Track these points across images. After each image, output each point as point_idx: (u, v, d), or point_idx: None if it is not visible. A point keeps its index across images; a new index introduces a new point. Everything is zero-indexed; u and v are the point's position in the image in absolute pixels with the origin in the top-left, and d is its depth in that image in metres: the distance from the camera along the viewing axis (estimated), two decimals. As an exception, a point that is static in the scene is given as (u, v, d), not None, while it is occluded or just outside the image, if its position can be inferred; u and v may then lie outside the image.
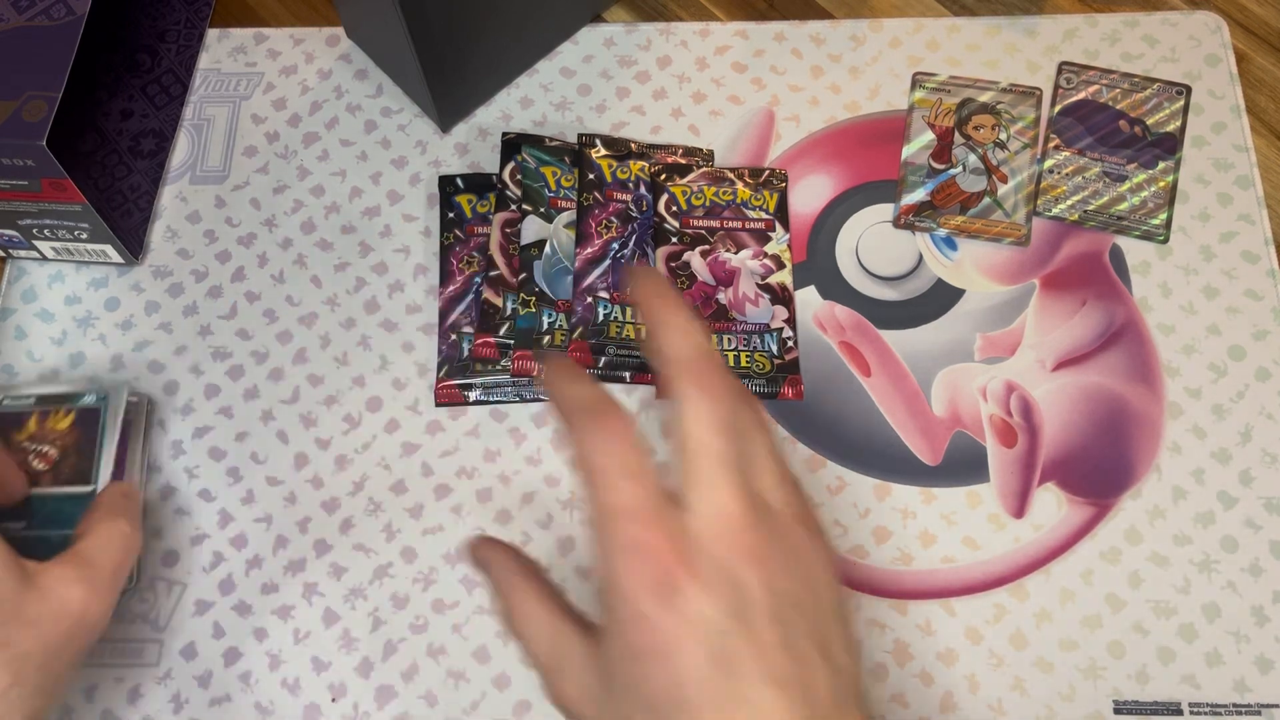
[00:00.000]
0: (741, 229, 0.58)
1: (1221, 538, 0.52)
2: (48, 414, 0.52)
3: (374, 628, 0.52)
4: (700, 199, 0.59)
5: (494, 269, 0.57)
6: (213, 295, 0.60)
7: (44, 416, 0.52)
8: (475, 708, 0.51)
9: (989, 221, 0.59)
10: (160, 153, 0.63)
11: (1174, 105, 0.61)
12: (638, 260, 0.57)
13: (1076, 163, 0.60)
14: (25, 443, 0.51)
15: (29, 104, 0.50)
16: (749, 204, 0.59)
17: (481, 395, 0.56)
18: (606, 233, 0.58)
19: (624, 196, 0.59)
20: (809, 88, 0.63)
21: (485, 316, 0.55)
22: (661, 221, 0.58)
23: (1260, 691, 0.50)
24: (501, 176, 0.59)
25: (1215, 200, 0.59)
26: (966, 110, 0.62)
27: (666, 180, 0.59)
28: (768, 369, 0.55)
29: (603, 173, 0.60)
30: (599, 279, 0.57)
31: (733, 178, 0.60)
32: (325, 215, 0.61)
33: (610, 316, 0.56)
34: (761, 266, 0.57)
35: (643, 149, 0.61)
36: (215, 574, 0.54)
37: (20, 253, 0.59)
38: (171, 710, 0.51)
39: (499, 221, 0.58)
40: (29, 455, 0.51)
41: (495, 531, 0.54)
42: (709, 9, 0.66)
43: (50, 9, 0.53)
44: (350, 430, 0.56)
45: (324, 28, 0.66)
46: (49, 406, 0.52)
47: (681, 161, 0.60)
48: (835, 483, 0.54)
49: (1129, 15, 0.64)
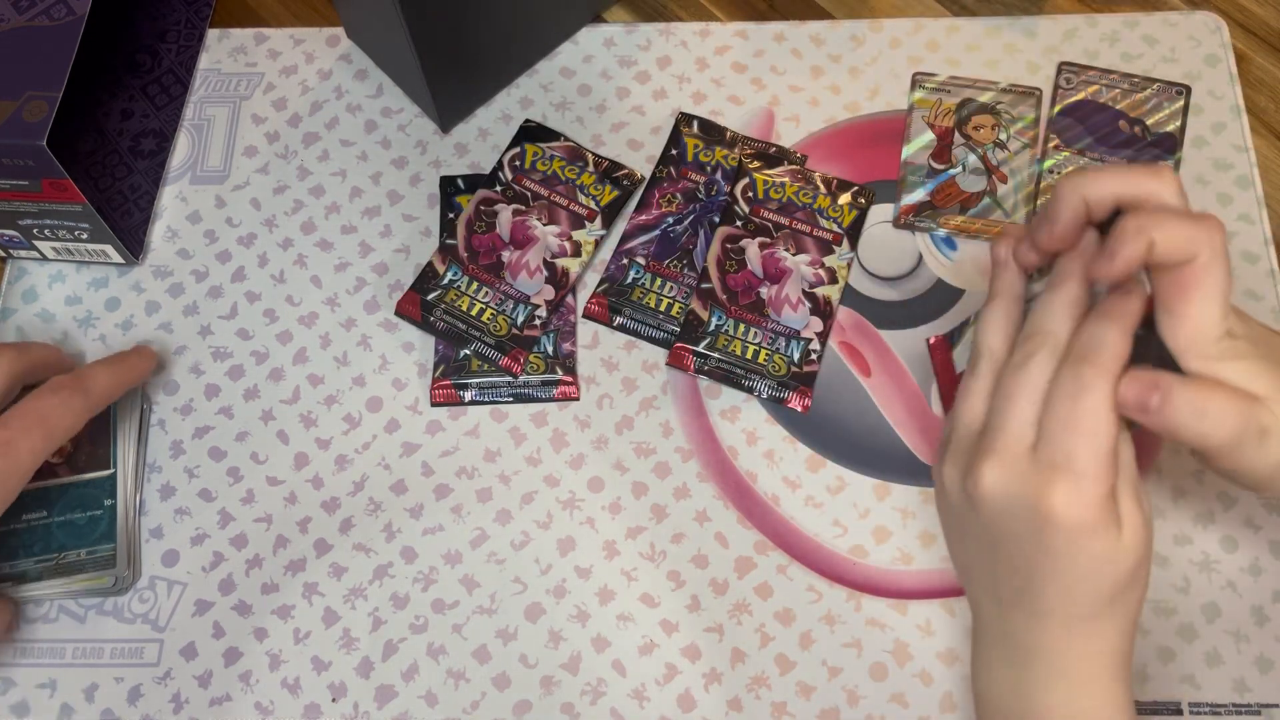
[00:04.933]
0: (809, 234, 0.58)
1: (1221, 538, 0.52)
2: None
3: (374, 628, 0.52)
4: (779, 193, 0.59)
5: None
6: (213, 295, 0.60)
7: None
8: (475, 708, 0.51)
9: (989, 221, 0.59)
10: (160, 153, 0.63)
11: (1174, 105, 0.61)
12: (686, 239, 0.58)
13: (1076, 163, 0.60)
14: None
15: (29, 104, 0.50)
16: (825, 212, 0.59)
17: (478, 395, 0.56)
18: (667, 206, 0.58)
19: (697, 177, 0.60)
20: (809, 88, 0.63)
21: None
22: (733, 203, 0.58)
23: (1260, 691, 0.50)
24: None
25: (1215, 200, 0.59)
26: (966, 110, 0.62)
27: (754, 166, 0.60)
28: (783, 372, 0.55)
29: (685, 151, 0.60)
30: (641, 245, 0.58)
31: (819, 183, 0.60)
32: (325, 215, 0.61)
33: (639, 281, 0.57)
34: (814, 275, 0.57)
35: (736, 137, 0.61)
36: (215, 574, 0.54)
37: (20, 253, 0.59)
38: (171, 710, 0.51)
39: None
40: None
41: (495, 531, 0.54)
42: (709, 9, 0.66)
43: (50, 9, 0.53)
44: (350, 430, 0.56)
45: (324, 28, 0.66)
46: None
47: (772, 154, 0.61)
48: (835, 483, 0.54)
49: (1129, 15, 0.64)
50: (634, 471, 0.55)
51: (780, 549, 0.53)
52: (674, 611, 0.52)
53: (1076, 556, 0.37)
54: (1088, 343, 0.38)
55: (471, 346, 0.56)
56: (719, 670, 0.51)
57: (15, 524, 0.52)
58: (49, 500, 0.48)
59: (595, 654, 0.51)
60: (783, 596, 0.52)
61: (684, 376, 0.57)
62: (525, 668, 0.51)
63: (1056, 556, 0.38)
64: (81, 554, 0.52)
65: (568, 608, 0.52)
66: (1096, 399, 0.37)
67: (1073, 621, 0.39)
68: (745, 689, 0.51)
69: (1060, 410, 0.37)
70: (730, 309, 0.56)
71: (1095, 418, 0.37)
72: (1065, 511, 0.37)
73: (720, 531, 0.54)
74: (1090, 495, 0.37)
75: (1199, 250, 0.37)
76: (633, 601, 0.52)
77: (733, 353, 0.55)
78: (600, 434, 0.56)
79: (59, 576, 0.51)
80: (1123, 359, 0.37)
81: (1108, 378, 0.37)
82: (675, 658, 0.51)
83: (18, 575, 0.51)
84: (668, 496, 0.54)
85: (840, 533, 0.53)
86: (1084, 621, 0.39)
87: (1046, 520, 0.37)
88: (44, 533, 0.51)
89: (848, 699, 0.50)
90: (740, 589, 0.52)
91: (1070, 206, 0.40)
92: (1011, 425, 0.39)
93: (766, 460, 0.55)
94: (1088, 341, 0.38)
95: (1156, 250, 0.37)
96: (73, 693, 0.51)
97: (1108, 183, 0.39)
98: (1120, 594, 0.38)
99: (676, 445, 0.55)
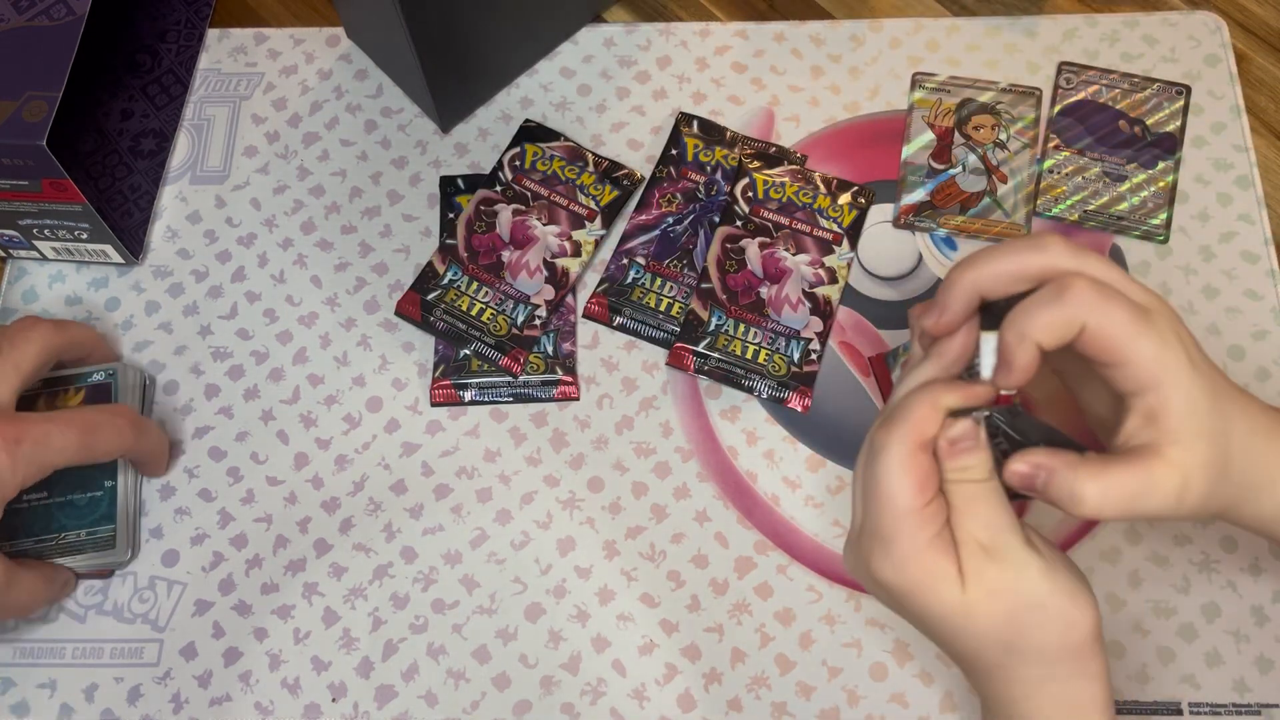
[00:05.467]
0: (809, 234, 0.58)
1: (1221, 538, 0.52)
2: (55, 394, 0.54)
3: (374, 628, 0.52)
4: (779, 193, 0.59)
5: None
6: (213, 295, 0.60)
7: (52, 397, 0.54)
8: (475, 708, 0.51)
9: (989, 221, 0.59)
10: (160, 153, 0.63)
11: (1174, 105, 0.61)
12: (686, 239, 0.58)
13: (1076, 163, 0.60)
14: None
15: (29, 104, 0.50)
16: (825, 212, 0.59)
17: (478, 395, 0.56)
18: (667, 206, 0.58)
19: (697, 177, 0.60)
20: (809, 88, 0.63)
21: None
22: (733, 203, 0.58)
23: (1260, 691, 0.50)
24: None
25: (1215, 200, 0.59)
26: (966, 110, 0.62)
27: (753, 165, 0.60)
28: (783, 372, 0.55)
29: (685, 151, 0.60)
30: (641, 245, 0.58)
31: (819, 183, 0.60)
32: (325, 215, 0.61)
33: (639, 281, 0.57)
34: (814, 275, 0.57)
35: (736, 137, 0.61)
36: (215, 574, 0.54)
37: (20, 253, 0.59)
38: (171, 710, 0.51)
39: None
40: None
41: (495, 531, 0.54)
42: (709, 9, 0.66)
43: (50, 9, 0.53)
44: (350, 430, 0.56)
45: (324, 28, 0.66)
46: (55, 388, 0.54)
47: (772, 154, 0.61)
48: (835, 483, 0.54)
49: (1129, 15, 0.64)
50: (634, 471, 0.55)
51: (780, 549, 0.53)
52: (674, 611, 0.52)
53: (928, 617, 0.38)
54: (891, 408, 0.39)
55: (471, 346, 0.56)
56: (719, 670, 0.51)
57: (17, 504, 0.52)
58: (49, 481, 0.48)
59: (595, 654, 0.51)
60: (783, 596, 0.52)
61: (684, 376, 0.57)
62: (525, 668, 0.51)
63: (918, 618, 0.39)
64: (81, 534, 0.52)
65: (568, 608, 0.52)
66: (888, 458, 0.37)
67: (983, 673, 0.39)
68: (745, 689, 0.51)
69: (863, 477, 0.39)
70: (730, 309, 0.56)
71: (888, 477, 0.37)
72: (884, 575, 0.38)
73: (720, 531, 0.54)
74: (902, 554, 0.37)
75: (1082, 314, 0.36)
76: (633, 601, 0.52)
77: (733, 353, 0.55)
78: (600, 434, 0.56)
79: (59, 556, 0.51)
80: (921, 422, 0.37)
81: (902, 439, 0.37)
82: (675, 658, 0.51)
83: (19, 555, 0.51)
84: (668, 496, 0.54)
85: (840, 533, 0.53)
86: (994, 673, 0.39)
87: (882, 589, 0.39)
88: (44, 513, 0.52)
89: (848, 699, 0.50)
90: (740, 589, 0.52)
91: (961, 297, 0.39)
92: (854, 510, 0.40)
93: (766, 460, 0.55)
94: (892, 407, 0.39)
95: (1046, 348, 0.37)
96: (73, 693, 0.51)
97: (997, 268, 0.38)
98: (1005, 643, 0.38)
99: (676, 445, 0.55)
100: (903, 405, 0.38)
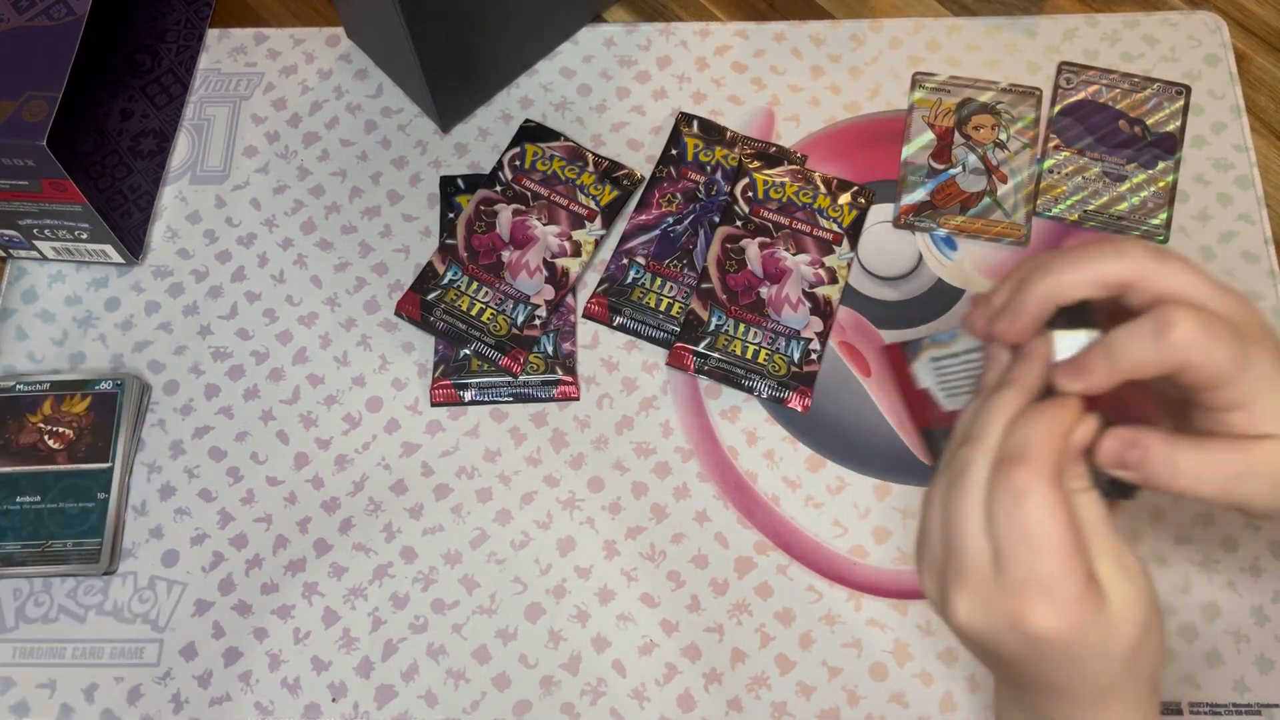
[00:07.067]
0: (809, 234, 0.58)
1: (1221, 538, 0.52)
2: (62, 398, 0.55)
3: (374, 628, 0.52)
4: (779, 193, 0.59)
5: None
6: (213, 295, 0.60)
7: (58, 400, 0.55)
8: (475, 708, 0.51)
9: (989, 221, 0.59)
10: (160, 153, 0.63)
11: (1174, 105, 0.61)
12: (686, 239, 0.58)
13: (1076, 163, 0.60)
14: (39, 424, 0.54)
15: (29, 104, 0.50)
16: (825, 212, 0.59)
17: (478, 395, 0.56)
18: (667, 206, 0.59)
19: (697, 177, 0.60)
20: (809, 88, 0.63)
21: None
22: (733, 203, 0.59)
23: (1260, 691, 0.50)
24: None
25: (1215, 200, 0.59)
26: (966, 110, 0.62)
27: (754, 165, 0.60)
28: (783, 372, 0.55)
29: (685, 151, 0.60)
30: (641, 245, 0.58)
31: (819, 183, 0.60)
32: (325, 215, 0.61)
33: (639, 281, 0.57)
34: (814, 275, 0.57)
35: (736, 137, 0.61)
36: (215, 574, 0.54)
37: (20, 253, 0.59)
38: (171, 710, 0.51)
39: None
40: (43, 435, 0.54)
41: (495, 531, 0.54)
42: (709, 9, 0.66)
43: (50, 9, 0.53)
44: (350, 430, 0.56)
45: (324, 28, 0.66)
46: (63, 391, 0.55)
47: (772, 154, 0.61)
48: (835, 483, 0.54)
49: (1129, 15, 0.64)
50: (634, 471, 0.55)
51: (780, 549, 0.53)
52: (674, 611, 0.52)
53: (1071, 656, 0.36)
54: (1016, 443, 0.36)
55: (471, 346, 0.56)
56: (719, 670, 0.51)
57: (9, 505, 0.53)
58: (44, 486, 0.48)
59: (595, 654, 0.51)
60: (783, 596, 0.52)
61: (684, 376, 0.57)
62: (525, 668, 0.51)
63: (1053, 663, 0.37)
64: (68, 544, 0.52)
65: (568, 608, 0.52)
66: (1036, 501, 0.35)
67: (1084, 701, 0.38)
68: (745, 689, 0.51)
69: (1006, 522, 0.36)
70: (730, 309, 0.56)
71: (1042, 520, 0.35)
72: (1048, 625, 0.35)
73: (720, 531, 0.54)
74: (1066, 599, 0.35)
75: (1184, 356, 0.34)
76: (633, 601, 0.52)
77: (733, 353, 0.55)
78: (600, 434, 0.56)
79: (44, 564, 0.52)
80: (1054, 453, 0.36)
81: (1042, 476, 0.35)
82: (675, 658, 0.51)
83: (4, 557, 0.52)
84: (668, 496, 0.54)
85: (840, 533, 0.53)
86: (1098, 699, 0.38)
87: (1034, 639, 0.36)
88: (35, 518, 0.52)
89: (848, 699, 0.50)
90: (740, 589, 0.52)
91: (1037, 308, 0.37)
92: (967, 547, 0.37)
93: (766, 460, 0.55)
94: (1016, 441, 0.36)
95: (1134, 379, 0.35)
96: (73, 693, 0.51)
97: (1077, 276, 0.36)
98: (1132, 659, 0.37)
99: (676, 445, 0.55)
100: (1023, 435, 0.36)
